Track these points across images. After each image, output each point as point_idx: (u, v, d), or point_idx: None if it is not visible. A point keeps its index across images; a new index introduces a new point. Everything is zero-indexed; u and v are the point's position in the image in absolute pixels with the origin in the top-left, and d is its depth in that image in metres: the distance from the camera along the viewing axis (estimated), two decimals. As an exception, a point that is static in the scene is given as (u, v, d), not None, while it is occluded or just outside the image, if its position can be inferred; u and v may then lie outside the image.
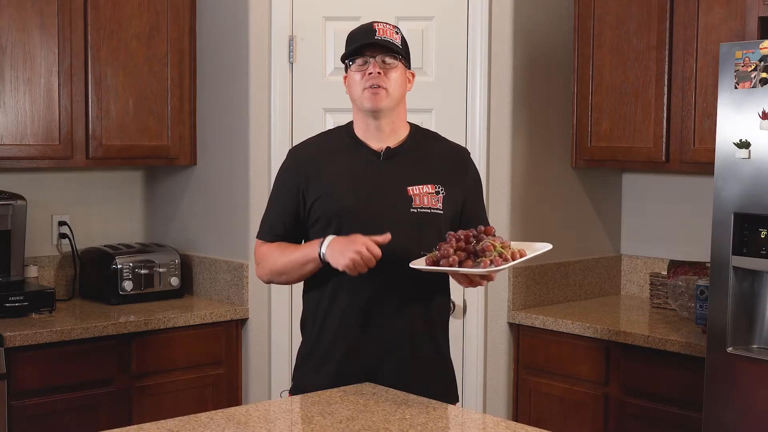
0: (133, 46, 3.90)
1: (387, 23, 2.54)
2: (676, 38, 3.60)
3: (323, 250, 2.41)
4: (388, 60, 2.49)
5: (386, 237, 2.35)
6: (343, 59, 2.55)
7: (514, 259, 2.30)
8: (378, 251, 2.33)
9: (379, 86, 2.47)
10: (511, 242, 2.38)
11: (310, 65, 3.78)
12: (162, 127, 4.00)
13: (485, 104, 3.73)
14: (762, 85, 2.86)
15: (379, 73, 2.47)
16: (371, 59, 2.48)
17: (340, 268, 2.36)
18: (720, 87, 2.97)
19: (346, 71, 2.56)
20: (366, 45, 2.49)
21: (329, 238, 2.42)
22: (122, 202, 4.34)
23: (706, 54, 3.49)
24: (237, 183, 3.90)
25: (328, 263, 2.41)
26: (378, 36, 2.49)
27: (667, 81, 3.62)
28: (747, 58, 2.89)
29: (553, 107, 3.94)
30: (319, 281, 2.52)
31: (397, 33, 2.53)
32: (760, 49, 2.87)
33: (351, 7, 3.73)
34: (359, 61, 2.50)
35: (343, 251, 2.35)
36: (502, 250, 2.29)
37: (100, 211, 4.26)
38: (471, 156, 2.70)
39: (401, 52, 2.51)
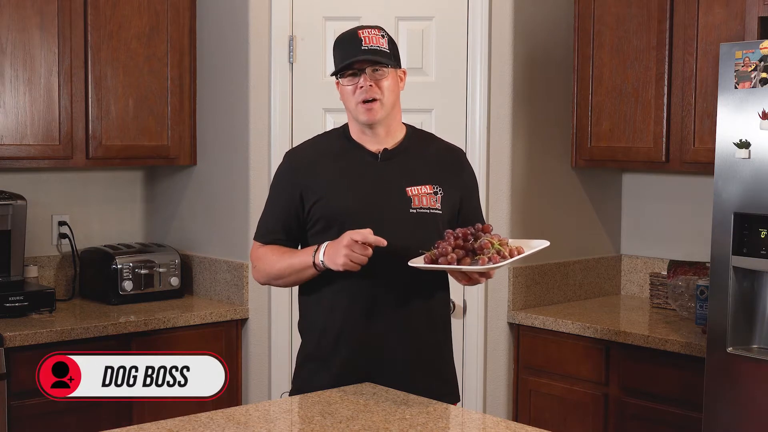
0: (133, 46, 3.90)
1: (372, 28, 2.52)
2: (676, 38, 3.60)
3: (322, 258, 2.41)
4: (378, 70, 2.48)
5: (382, 241, 2.34)
6: (333, 74, 2.54)
7: (512, 256, 2.31)
8: (369, 239, 2.32)
9: (373, 99, 2.47)
10: (509, 240, 2.38)
11: (310, 65, 3.78)
12: (162, 127, 4.00)
13: (485, 104, 3.73)
14: (762, 85, 2.87)
15: (371, 85, 2.47)
16: (362, 72, 2.47)
17: (341, 269, 2.37)
18: (720, 87, 2.97)
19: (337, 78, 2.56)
20: (354, 59, 2.47)
21: (324, 245, 2.43)
22: (122, 202, 4.34)
23: (706, 54, 3.49)
24: (237, 183, 3.90)
25: (330, 269, 2.41)
26: (364, 45, 2.46)
27: (667, 81, 3.62)
28: (747, 58, 2.89)
29: (553, 107, 3.94)
30: (318, 283, 2.52)
31: (383, 36, 2.51)
32: (760, 49, 2.87)
33: (351, 7, 3.73)
34: (349, 74, 2.50)
35: (335, 255, 2.36)
36: (500, 248, 2.30)
37: (100, 211, 4.26)
38: (466, 156, 2.71)
39: (389, 59, 2.49)
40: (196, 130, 4.11)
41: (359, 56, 2.46)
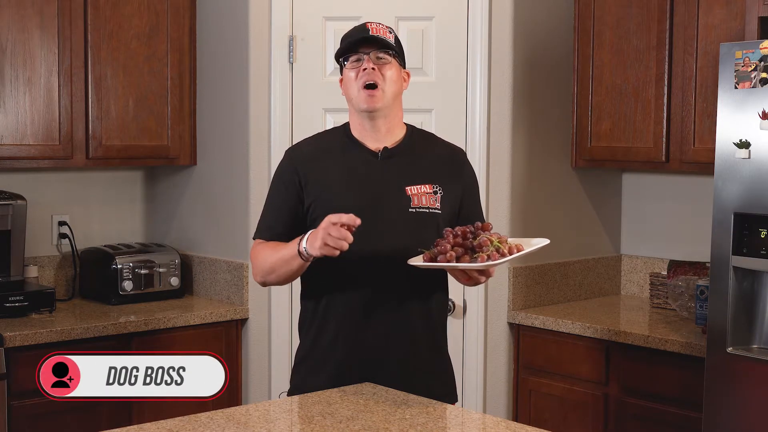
0: (133, 46, 3.90)
1: (380, 23, 2.54)
2: (676, 38, 3.60)
3: (305, 245, 2.36)
4: (381, 56, 2.49)
5: (355, 219, 2.29)
6: (337, 57, 2.55)
7: (511, 254, 2.29)
8: (343, 218, 2.27)
9: (375, 84, 2.47)
10: (509, 237, 2.38)
11: (310, 65, 3.78)
12: (162, 127, 4.00)
13: (485, 104, 3.73)
14: (762, 85, 2.87)
15: (373, 68, 2.47)
16: (365, 55, 2.48)
17: (319, 254, 2.31)
18: (720, 87, 2.97)
19: (341, 73, 2.56)
20: (359, 41, 2.49)
21: (308, 233, 2.38)
22: (122, 202, 4.34)
23: (706, 54, 3.49)
24: (237, 183, 3.90)
25: (315, 258, 2.37)
26: (371, 33, 2.49)
27: (667, 81, 3.62)
28: (747, 58, 2.89)
29: (553, 107, 3.94)
30: (317, 283, 2.52)
31: (390, 33, 2.53)
32: (760, 49, 2.87)
33: (351, 7, 3.73)
34: (353, 58, 2.50)
35: (314, 240, 2.32)
36: (499, 245, 2.29)
37: (100, 211, 4.26)
38: (467, 156, 2.71)
39: (395, 49, 2.51)
40: (196, 130, 4.11)
41: (365, 36, 2.48)
